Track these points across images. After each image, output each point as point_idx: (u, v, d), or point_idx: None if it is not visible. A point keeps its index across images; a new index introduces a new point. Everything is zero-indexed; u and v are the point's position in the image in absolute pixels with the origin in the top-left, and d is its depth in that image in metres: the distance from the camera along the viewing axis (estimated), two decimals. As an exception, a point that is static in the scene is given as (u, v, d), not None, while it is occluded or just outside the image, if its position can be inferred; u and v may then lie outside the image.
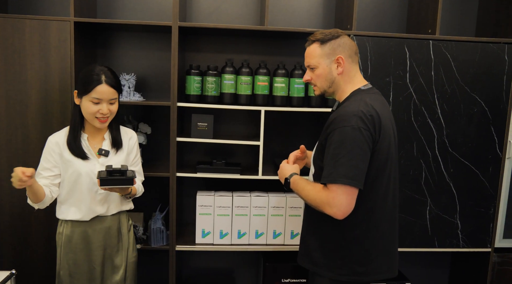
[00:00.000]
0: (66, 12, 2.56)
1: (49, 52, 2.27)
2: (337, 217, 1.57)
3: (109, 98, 1.87)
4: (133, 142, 2.06)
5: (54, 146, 1.91)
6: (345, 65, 1.69)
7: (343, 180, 1.53)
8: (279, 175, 1.86)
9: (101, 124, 1.89)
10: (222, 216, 2.48)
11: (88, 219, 1.93)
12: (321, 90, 1.76)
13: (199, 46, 2.69)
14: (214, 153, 2.73)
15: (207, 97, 2.46)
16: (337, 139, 1.56)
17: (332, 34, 1.70)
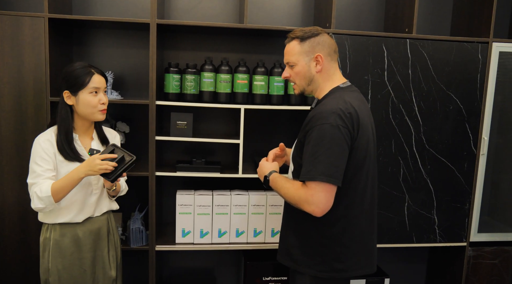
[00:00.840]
0: (40, 8, 2.49)
1: (23, 49, 2.21)
2: (316, 214, 1.58)
3: (103, 87, 1.89)
4: (117, 140, 2.06)
5: (48, 145, 1.82)
6: (324, 63, 1.69)
7: (321, 177, 1.54)
8: (259, 173, 1.86)
9: (102, 115, 1.89)
10: (202, 215, 2.46)
11: (80, 220, 1.88)
12: (300, 89, 1.75)
13: (177, 44, 2.66)
14: (193, 152, 2.71)
15: (186, 95, 2.43)
16: (315, 137, 1.57)
17: (311, 32, 1.70)
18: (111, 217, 2.04)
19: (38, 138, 1.85)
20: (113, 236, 2.03)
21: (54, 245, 1.86)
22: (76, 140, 1.89)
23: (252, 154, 2.74)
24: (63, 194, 1.76)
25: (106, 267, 1.97)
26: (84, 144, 1.92)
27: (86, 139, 1.94)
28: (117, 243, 2.05)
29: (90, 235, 1.92)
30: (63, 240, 1.87)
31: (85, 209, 1.90)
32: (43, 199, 1.74)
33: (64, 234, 1.87)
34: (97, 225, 1.94)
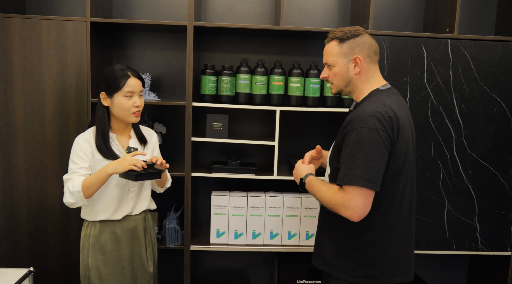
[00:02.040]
0: (82, 13, 2.58)
1: (66, 52, 2.29)
2: (353, 219, 1.54)
3: (139, 90, 1.92)
4: (155, 139, 2.10)
5: (86, 145, 1.88)
6: (363, 65, 1.65)
7: (359, 181, 1.51)
8: (294, 175, 1.83)
9: (136, 118, 1.93)
10: (237, 216, 2.47)
11: (119, 218, 1.93)
12: (337, 89, 1.72)
13: (214, 46, 2.68)
14: (229, 153, 2.73)
15: (222, 97, 2.45)
16: (354, 141, 1.54)
17: (351, 33, 1.66)
18: (148, 216, 2.07)
19: (78, 138, 1.91)
20: (150, 235, 2.06)
21: (93, 242, 1.92)
22: (113, 139, 1.93)
23: (287, 156, 2.72)
24: (92, 189, 1.80)
25: (144, 264, 2.01)
26: (122, 143, 1.96)
27: (123, 139, 1.98)
28: (154, 241, 2.09)
29: (128, 232, 1.95)
30: (102, 237, 1.92)
31: (123, 206, 1.94)
32: (74, 193, 1.79)
33: (103, 231, 1.92)
34: (135, 223, 1.98)
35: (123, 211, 1.94)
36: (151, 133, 2.09)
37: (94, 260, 1.91)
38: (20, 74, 2.28)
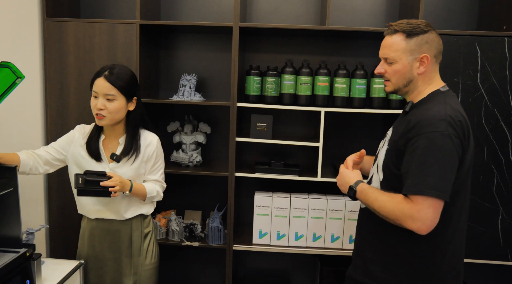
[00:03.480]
0: (132, 15, 2.66)
1: (116, 53, 2.37)
2: (421, 232, 1.41)
3: (104, 92, 1.80)
4: (151, 149, 1.92)
5: (75, 135, 1.92)
6: (429, 65, 1.53)
7: (431, 191, 1.38)
8: (340, 182, 1.69)
9: (98, 121, 1.84)
10: (280, 217, 2.46)
11: (92, 217, 1.93)
12: (394, 88, 1.59)
13: (258, 47, 2.69)
14: (272, 154, 2.72)
15: (266, 97, 2.45)
16: (423, 146, 1.41)
17: (421, 28, 1.51)
18: (135, 223, 1.95)
19: (78, 126, 1.98)
20: (135, 243, 1.95)
21: (82, 233, 1.99)
22: (100, 141, 1.91)
23: (331, 158, 2.68)
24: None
25: (122, 273, 1.95)
26: (110, 146, 1.92)
27: (112, 143, 1.92)
28: (141, 250, 1.96)
29: (107, 235, 1.93)
30: (85, 231, 1.97)
31: (93, 209, 1.90)
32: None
33: (86, 226, 1.97)
34: (114, 227, 1.92)
35: (97, 213, 1.91)
36: (148, 142, 1.93)
37: (80, 251, 1.99)
38: (74, 75, 2.39)
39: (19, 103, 2.21)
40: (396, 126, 1.62)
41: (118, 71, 1.83)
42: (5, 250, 1.65)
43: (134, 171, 1.89)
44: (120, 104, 1.83)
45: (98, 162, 1.87)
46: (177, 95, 2.53)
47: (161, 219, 2.59)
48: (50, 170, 1.93)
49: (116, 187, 1.74)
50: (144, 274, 1.98)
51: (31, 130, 2.37)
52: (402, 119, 1.60)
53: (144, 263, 1.97)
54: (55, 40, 2.38)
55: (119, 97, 1.82)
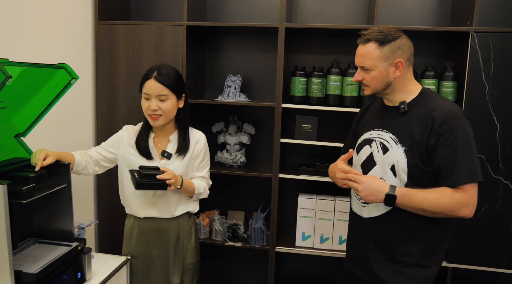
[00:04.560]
0: (179, 17, 2.71)
1: (163, 55, 2.42)
2: (470, 216, 1.54)
3: (156, 93, 1.83)
4: (199, 146, 1.97)
5: (124, 134, 1.96)
6: (403, 68, 1.60)
7: (479, 177, 1.52)
8: (368, 192, 1.56)
9: (153, 122, 1.87)
10: (324, 220, 2.42)
11: (141, 216, 1.95)
12: (373, 91, 1.66)
13: (304, 48, 2.67)
14: (317, 155, 2.69)
15: (311, 98, 2.42)
16: (461, 138, 1.51)
17: (392, 35, 1.58)
18: (183, 220, 1.98)
19: (126, 126, 2.01)
20: (183, 241, 1.98)
21: (127, 233, 2.01)
22: (150, 139, 1.94)
23: (377, 160, 2.61)
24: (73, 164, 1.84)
25: (169, 270, 1.97)
26: (160, 143, 1.95)
27: (162, 140, 1.95)
28: (187, 248, 1.99)
29: (156, 234, 1.94)
30: (133, 231, 1.98)
31: (143, 207, 1.93)
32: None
33: (134, 226, 1.98)
34: (162, 226, 1.94)
35: (146, 211, 1.93)
36: (197, 139, 1.98)
37: (126, 250, 2.01)
38: (123, 76, 2.46)
39: (72, 103, 2.29)
40: (401, 126, 1.62)
41: (166, 71, 1.86)
42: (58, 243, 1.72)
43: (184, 167, 1.92)
44: (173, 103, 1.87)
45: (149, 160, 1.91)
46: (222, 96, 2.55)
47: (204, 219, 2.62)
48: (99, 171, 1.98)
49: (171, 180, 1.77)
50: (189, 271, 2.01)
51: (83, 129, 2.46)
52: (406, 118, 1.61)
53: (190, 260, 2.01)
54: (106, 42, 2.46)
55: (171, 96, 1.86)
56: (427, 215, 1.54)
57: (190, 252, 2.00)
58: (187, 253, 2.00)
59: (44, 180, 1.57)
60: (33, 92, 1.66)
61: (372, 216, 1.67)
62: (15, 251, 1.64)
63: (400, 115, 1.63)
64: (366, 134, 1.72)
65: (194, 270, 2.04)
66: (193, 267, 2.02)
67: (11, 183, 1.39)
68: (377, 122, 1.71)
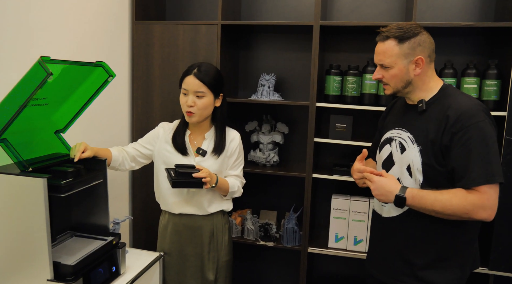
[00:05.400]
0: (213, 16, 2.72)
1: (198, 54, 2.44)
2: (490, 218, 1.45)
3: (194, 90, 1.84)
4: (234, 144, 1.98)
5: (160, 131, 1.98)
6: (424, 65, 1.55)
7: (496, 178, 1.43)
8: (379, 191, 1.53)
9: (188, 118, 1.88)
10: (358, 221, 2.38)
11: (176, 212, 1.96)
12: (394, 90, 1.61)
13: (338, 46, 2.62)
14: (351, 155, 2.64)
15: (346, 97, 2.38)
16: (477, 137, 1.44)
17: (411, 31, 1.53)
18: (217, 218, 1.99)
19: (162, 123, 2.03)
20: (217, 239, 1.99)
21: (161, 230, 2.02)
22: (186, 135, 1.95)
23: (414, 162, 2.54)
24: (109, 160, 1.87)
25: (204, 267, 1.98)
26: (196, 141, 1.96)
27: (198, 138, 1.97)
28: (222, 245, 2.00)
29: (190, 231, 1.96)
30: (167, 228, 1.99)
31: (180, 202, 1.94)
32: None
33: (169, 222, 1.99)
34: (197, 223, 1.95)
35: (181, 208, 1.94)
36: (232, 138, 1.99)
37: (161, 246, 2.02)
38: (158, 75, 2.50)
39: (109, 100, 2.35)
40: (418, 125, 1.57)
41: (206, 69, 1.88)
42: (94, 236, 1.76)
43: (218, 165, 1.92)
44: (209, 101, 1.88)
45: (184, 156, 1.92)
46: (255, 94, 2.55)
47: (236, 217, 2.62)
48: (136, 167, 2.01)
49: (207, 179, 1.78)
50: (223, 269, 2.02)
51: (119, 126, 2.51)
52: (424, 117, 1.56)
53: (224, 258, 2.01)
54: (142, 42, 2.50)
55: (208, 94, 1.87)
56: (441, 216, 1.48)
57: (224, 249, 2.01)
58: (221, 250, 2.00)
59: (82, 175, 1.61)
60: (72, 89, 1.70)
61: (391, 216, 1.64)
62: (54, 243, 1.69)
63: (418, 114, 1.59)
64: (388, 133, 1.69)
65: (228, 267, 2.04)
66: (226, 265, 2.03)
67: (51, 177, 1.43)
68: (398, 121, 1.68)
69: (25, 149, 1.54)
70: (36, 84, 1.33)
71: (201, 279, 1.99)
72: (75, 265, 1.49)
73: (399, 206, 1.51)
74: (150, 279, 2.02)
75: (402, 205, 1.50)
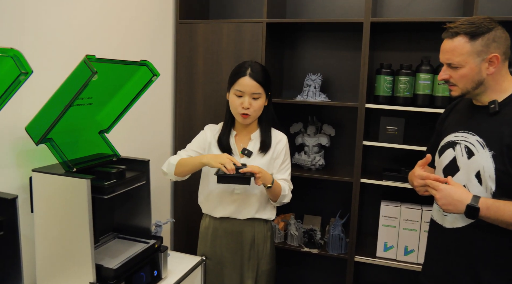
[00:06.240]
0: (258, 15, 2.65)
1: (242, 53, 2.37)
2: None
3: (251, 91, 1.79)
4: (281, 146, 1.92)
5: (207, 134, 1.93)
6: (498, 63, 1.40)
7: None
8: (447, 200, 1.39)
9: (243, 119, 1.83)
10: (409, 230, 2.23)
11: (217, 216, 1.90)
12: (462, 92, 1.47)
13: (390, 44, 2.49)
14: (401, 160, 2.49)
15: (398, 98, 2.25)
16: None
17: (485, 26, 1.38)
18: (259, 226, 1.92)
19: (207, 126, 1.97)
20: (257, 246, 1.91)
21: (203, 233, 1.97)
22: (232, 136, 1.89)
23: (471, 168, 2.36)
24: (184, 169, 1.81)
25: (243, 275, 1.91)
26: (241, 142, 1.91)
27: (244, 139, 1.91)
28: (262, 253, 1.93)
29: (231, 236, 1.90)
30: (208, 231, 1.94)
31: (224, 206, 1.88)
32: (169, 165, 1.84)
33: (209, 226, 1.94)
34: (238, 228, 1.89)
35: (222, 210, 1.89)
36: (279, 139, 1.93)
37: (201, 250, 1.98)
38: (202, 74, 2.45)
39: (152, 100, 2.33)
40: (490, 128, 1.42)
41: (258, 69, 1.84)
42: (136, 239, 1.73)
43: (264, 167, 1.85)
44: (263, 102, 1.84)
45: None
46: (301, 95, 2.45)
47: (279, 222, 2.53)
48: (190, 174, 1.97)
49: (259, 174, 1.72)
50: (263, 277, 1.94)
51: (162, 126, 2.49)
52: (497, 119, 1.42)
53: (264, 267, 1.94)
54: (186, 41, 2.46)
55: (262, 95, 1.83)
56: None
57: (265, 257, 1.93)
58: (262, 258, 1.93)
59: (125, 176, 1.57)
60: (116, 89, 1.68)
61: (455, 227, 1.48)
62: (97, 245, 1.67)
63: (489, 116, 1.44)
64: (450, 137, 1.53)
65: (269, 276, 1.96)
66: (267, 273, 1.95)
67: (94, 178, 1.41)
68: (463, 123, 1.52)
69: (70, 149, 1.52)
70: (81, 83, 1.31)
71: None
72: (117, 269, 1.45)
73: (471, 217, 1.36)
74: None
75: (474, 216, 1.35)
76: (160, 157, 2.46)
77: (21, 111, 1.50)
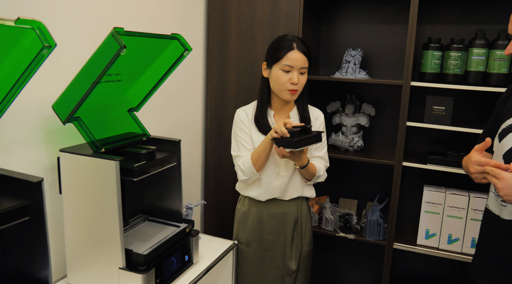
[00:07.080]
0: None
1: (277, 27, 2.23)
2: None
3: (300, 66, 1.72)
4: (319, 122, 1.87)
5: (243, 116, 1.84)
6: None
7: None
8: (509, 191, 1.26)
9: (291, 96, 1.75)
10: (453, 218, 2.09)
11: (263, 199, 1.83)
12: None
13: (438, 17, 2.28)
14: (448, 143, 2.32)
15: (447, 76, 2.06)
16: None
17: None
18: (303, 205, 1.90)
19: (238, 110, 1.86)
20: (301, 226, 1.89)
21: (241, 218, 1.90)
22: (270, 116, 1.81)
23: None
24: (260, 160, 1.73)
25: (286, 256, 1.87)
26: (279, 121, 1.82)
27: (282, 117, 1.84)
28: (305, 233, 1.90)
29: (274, 218, 1.85)
30: (248, 216, 1.87)
31: (270, 190, 1.81)
32: (246, 170, 1.75)
33: (250, 210, 1.87)
34: (283, 210, 1.85)
35: (268, 193, 1.82)
36: (317, 116, 1.88)
37: (238, 235, 1.91)
38: (235, 49, 2.33)
39: (183, 76, 2.23)
40: None
41: (303, 42, 1.76)
42: (167, 222, 1.67)
43: None
44: (307, 76, 1.79)
45: None
46: (339, 72, 2.30)
47: (313, 205, 2.43)
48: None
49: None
50: (305, 259, 1.92)
51: (194, 103, 2.39)
52: None
53: (307, 247, 1.92)
54: (219, 14, 2.34)
55: (307, 70, 1.77)
56: None
57: (307, 237, 1.91)
58: (304, 238, 1.90)
59: (155, 157, 1.49)
60: (146, 65, 1.58)
61: None
62: (126, 227, 1.62)
63: None
64: None
65: (309, 258, 1.94)
66: (308, 255, 1.93)
67: (123, 160, 1.33)
68: None
69: (98, 128, 1.45)
70: (109, 58, 1.21)
71: (282, 269, 1.88)
72: (147, 254, 1.39)
73: None
74: (223, 269, 1.91)
75: None
76: (192, 136, 2.38)
77: (48, 87, 1.43)
